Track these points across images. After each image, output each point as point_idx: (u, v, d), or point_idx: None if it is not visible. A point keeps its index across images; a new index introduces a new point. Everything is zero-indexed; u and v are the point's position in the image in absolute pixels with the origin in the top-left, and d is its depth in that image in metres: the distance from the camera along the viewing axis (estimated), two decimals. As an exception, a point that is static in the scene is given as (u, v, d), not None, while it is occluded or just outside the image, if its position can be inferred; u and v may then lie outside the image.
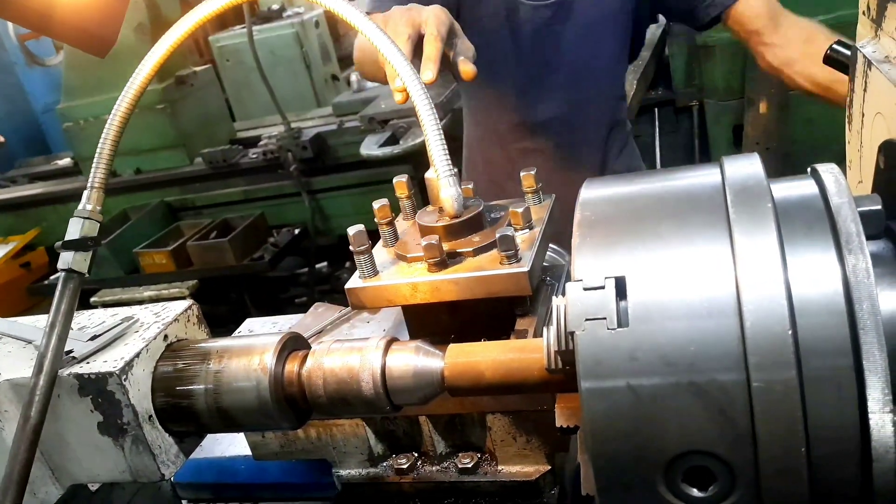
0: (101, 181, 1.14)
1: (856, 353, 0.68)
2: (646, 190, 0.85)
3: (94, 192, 1.14)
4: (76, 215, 1.14)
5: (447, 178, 1.08)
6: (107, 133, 1.15)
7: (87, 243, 1.13)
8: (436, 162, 1.09)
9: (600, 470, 0.76)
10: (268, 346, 1.08)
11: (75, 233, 1.13)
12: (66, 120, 5.31)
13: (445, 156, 1.08)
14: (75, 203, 1.15)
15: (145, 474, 1.11)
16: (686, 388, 0.72)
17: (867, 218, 0.78)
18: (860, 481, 0.70)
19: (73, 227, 1.13)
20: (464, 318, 1.18)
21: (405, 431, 1.28)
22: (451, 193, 1.09)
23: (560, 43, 2.31)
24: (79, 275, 1.11)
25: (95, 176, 1.14)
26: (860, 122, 1.13)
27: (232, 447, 1.56)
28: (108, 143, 1.15)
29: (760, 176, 0.78)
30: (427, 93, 1.09)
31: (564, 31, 2.30)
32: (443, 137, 1.09)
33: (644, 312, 0.74)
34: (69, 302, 1.09)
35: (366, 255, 1.17)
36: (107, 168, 1.14)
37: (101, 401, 1.07)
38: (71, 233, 1.13)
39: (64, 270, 1.11)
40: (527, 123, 2.40)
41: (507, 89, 2.39)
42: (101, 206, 1.15)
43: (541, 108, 2.38)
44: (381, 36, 1.13)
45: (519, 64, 2.34)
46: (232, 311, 4.76)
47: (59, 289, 1.09)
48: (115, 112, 1.16)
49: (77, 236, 1.12)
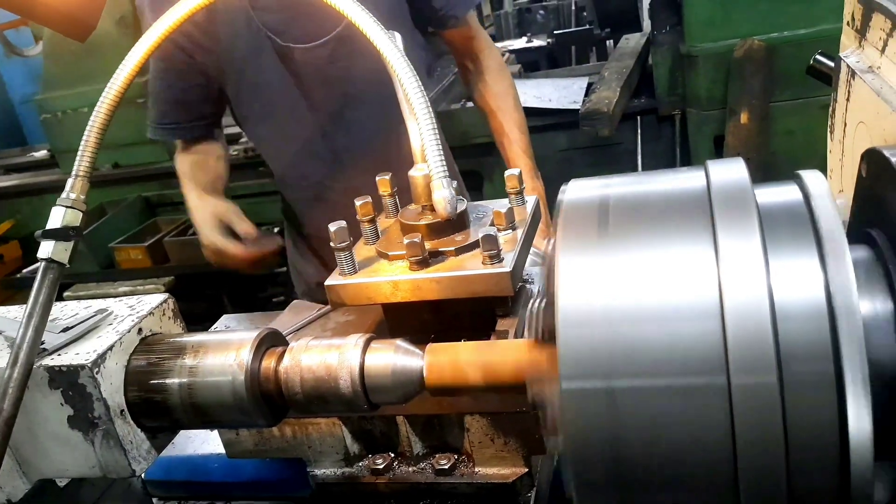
0: (87, 170, 1.12)
1: (836, 358, 0.68)
2: (630, 192, 0.85)
3: (78, 180, 1.11)
4: (59, 203, 1.11)
5: (440, 179, 1.06)
6: (93, 121, 1.12)
7: (69, 233, 1.09)
8: (430, 162, 1.07)
9: (578, 472, 0.76)
10: (245, 342, 1.06)
11: (57, 221, 1.10)
12: (44, 111, 5.23)
13: (440, 156, 1.06)
14: (51, 195, 1.13)
15: (116, 470, 1.09)
16: (666, 391, 0.71)
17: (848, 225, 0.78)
18: (838, 487, 0.70)
19: (55, 215, 1.10)
20: (445, 318, 1.17)
21: (382, 431, 1.27)
22: (445, 195, 1.07)
23: (353, 74, 2.17)
24: (59, 265, 1.08)
25: (80, 164, 1.11)
26: (842, 131, 1.14)
27: (205, 445, 1.53)
28: (94, 130, 1.12)
29: (745, 181, 0.78)
30: (424, 92, 1.08)
31: (353, 66, 2.16)
32: (438, 137, 1.07)
33: (625, 314, 0.73)
34: (48, 293, 1.06)
35: (346, 251, 1.16)
36: (92, 157, 1.12)
37: (71, 394, 1.05)
38: (52, 222, 1.10)
39: (44, 260, 1.08)
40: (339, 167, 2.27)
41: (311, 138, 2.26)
42: (84, 195, 1.12)
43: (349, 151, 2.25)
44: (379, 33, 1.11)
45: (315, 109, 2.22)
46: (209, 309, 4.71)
47: (38, 279, 1.06)
48: (104, 99, 1.13)
49: (59, 225, 1.09)
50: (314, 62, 2.15)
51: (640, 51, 4.51)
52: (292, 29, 2.12)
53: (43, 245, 1.08)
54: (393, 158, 1.34)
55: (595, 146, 4.13)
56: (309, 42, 2.13)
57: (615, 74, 4.17)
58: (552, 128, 4.18)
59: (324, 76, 2.17)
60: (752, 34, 3.67)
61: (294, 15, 2.11)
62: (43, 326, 1.04)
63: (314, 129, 2.24)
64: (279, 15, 2.12)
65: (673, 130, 4.12)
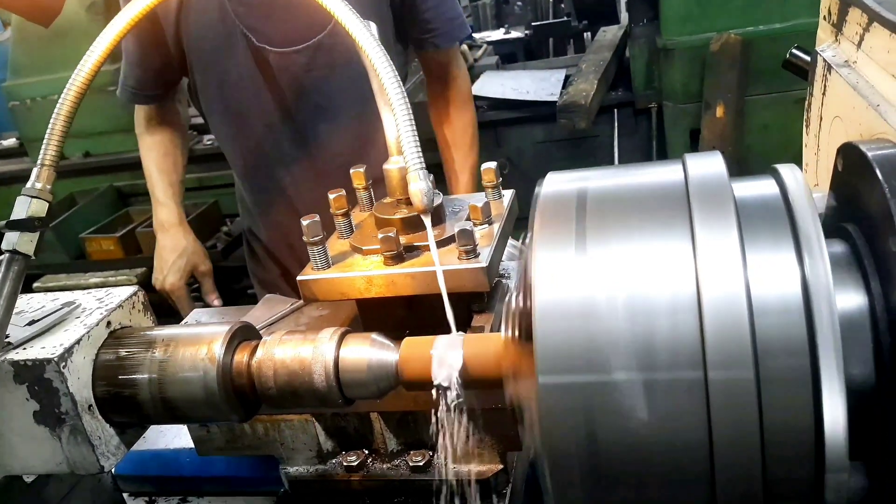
0: (53, 159, 1.08)
1: (812, 353, 0.68)
2: (608, 185, 0.84)
3: (44, 169, 1.08)
4: (24, 193, 1.07)
5: (417, 171, 1.04)
6: (60, 108, 1.09)
7: (34, 223, 1.06)
8: (406, 154, 1.04)
9: (553, 466, 0.75)
10: (216, 336, 1.04)
11: (21, 212, 1.06)
12: (12, 99, 5.11)
13: (417, 149, 1.04)
14: (19, 185, 1.09)
15: (83, 466, 1.06)
16: (643, 386, 0.71)
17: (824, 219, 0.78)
18: (813, 480, 0.70)
19: (20, 206, 1.07)
20: (420, 314, 1.15)
21: (356, 428, 1.26)
22: (421, 187, 1.04)
23: (328, 87, 2.10)
24: (24, 257, 1.05)
25: (46, 153, 1.08)
26: (818, 125, 1.15)
27: (177, 439, 1.51)
28: (60, 118, 1.09)
29: (723, 175, 0.78)
30: (401, 83, 1.06)
31: (330, 77, 2.08)
32: (415, 130, 1.05)
33: (602, 309, 0.73)
34: (12, 285, 1.03)
35: (319, 246, 1.14)
36: (58, 145, 1.08)
37: (37, 389, 1.02)
38: (17, 212, 1.07)
39: (8, 252, 1.05)
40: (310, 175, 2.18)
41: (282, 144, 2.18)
42: (51, 185, 1.09)
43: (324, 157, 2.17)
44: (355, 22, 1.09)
45: (288, 118, 2.14)
46: (181, 301, 4.66)
47: (3, 271, 1.03)
48: (70, 86, 1.10)
49: (23, 216, 1.06)
50: (290, 68, 2.06)
51: (617, 43, 4.52)
52: (269, 29, 2.03)
53: (7, 236, 1.05)
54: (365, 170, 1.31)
55: (571, 139, 4.13)
56: (286, 46, 2.04)
57: (592, 67, 4.17)
58: (529, 120, 4.18)
59: (298, 84, 2.09)
60: (728, 28, 3.69)
61: (271, 13, 2.02)
62: (7, 319, 1.02)
63: (284, 136, 2.16)
64: (256, 11, 2.02)
65: (649, 124, 4.14)
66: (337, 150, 2.15)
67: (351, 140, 2.14)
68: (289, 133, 2.15)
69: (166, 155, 2.34)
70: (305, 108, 2.12)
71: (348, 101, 2.09)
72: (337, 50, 2.04)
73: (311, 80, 2.08)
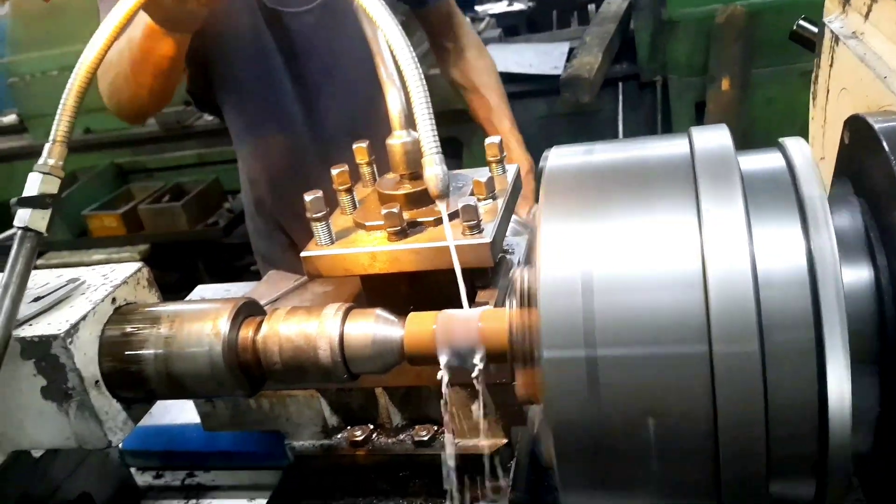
0: (64, 135, 1.07)
1: (817, 327, 0.68)
2: (614, 159, 0.84)
3: (55, 146, 1.07)
4: (35, 170, 1.07)
5: (432, 155, 1.02)
6: (72, 83, 1.07)
7: (46, 200, 1.06)
8: (421, 136, 1.01)
9: (558, 441, 0.75)
10: (221, 311, 1.04)
11: (33, 189, 1.06)
12: (11, 75, 5.08)
13: (432, 129, 1.02)
14: (21, 162, 1.10)
15: (91, 441, 1.07)
16: (648, 360, 0.71)
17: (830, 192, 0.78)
18: (817, 455, 0.70)
19: (32, 182, 1.06)
20: (423, 290, 1.15)
21: (360, 404, 1.27)
22: (437, 172, 1.02)
23: (336, 46, 2.09)
24: (36, 233, 1.05)
25: (58, 129, 1.07)
26: (825, 98, 1.14)
27: (182, 415, 1.52)
28: (73, 93, 1.07)
29: (729, 148, 0.78)
30: (415, 55, 1.03)
31: (336, 37, 2.08)
32: (430, 109, 1.03)
33: (608, 283, 0.73)
34: (25, 262, 1.02)
35: (322, 222, 1.14)
36: (70, 121, 1.07)
37: (44, 364, 1.03)
38: (29, 188, 1.06)
39: (20, 228, 1.04)
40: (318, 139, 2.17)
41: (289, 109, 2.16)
42: (63, 161, 1.08)
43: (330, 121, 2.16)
44: None
45: (295, 78, 2.12)
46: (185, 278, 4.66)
47: (15, 248, 1.03)
48: (83, 61, 1.08)
49: (35, 192, 1.05)
50: (299, 28, 2.07)
51: (621, 16, 4.47)
52: None
53: (19, 213, 1.05)
54: (371, 135, 1.30)
55: (575, 113, 4.10)
56: (297, 6, 2.05)
57: (597, 40, 4.12)
58: (532, 94, 4.15)
59: (307, 44, 2.10)
60: (734, 0, 3.64)
61: None
62: (20, 297, 1.01)
63: (291, 99, 2.16)
64: None
65: (654, 97, 4.10)
66: (345, 112, 2.15)
67: (359, 101, 2.14)
68: (296, 95, 2.15)
69: None
70: (315, 69, 2.12)
71: (356, 62, 2.07)
72: (341, 9, 2.05)
73: (319, 40, 2.09)
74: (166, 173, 5.10)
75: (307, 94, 2.15)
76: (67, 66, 1.10)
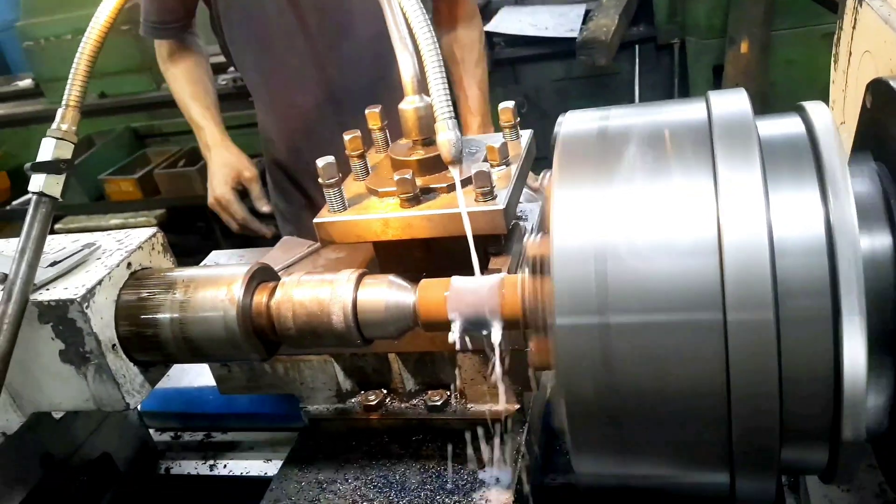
0: (77, 99, 1.07)
1: (834, 294, 0.67)
2: (629, 124, 0.82)
3: (68, 110, 1.07)
4: (49, 135, 1.07)
5: (445, 120, 1.00)
6: (83, 48, 1.07)
7: (60, 165, 1.06)
8: (435, 101, 1.00)
9: (571, 406, 0.76)
10: (236, 277, 1.05)
11: (47, 154, 1.06)
12: (26, 39, 5.08)
13: (446, 95, 1.00)
14: (37, 125, 1.10)
15: (109, 403, 1.09)
16: (661, 327, 0.71)
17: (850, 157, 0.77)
18: (831, 422, 0.70)
19: (46, 147, 1.06)
20: (436, 256, 1.15)
21: (374, 368, 1.27)
22: (450, 137, 1.01)
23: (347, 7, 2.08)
24: (51, 199, 1.05)
25: (70, 94, 1.07)
26: (846, 60, 1.11)
27: (200, 378, 1.54)
28: (84, 57, 1.07)
29: (747, 113, 0.76)
30: (429, 21, 1.02)
31: None
32: (444, 74, 1.01)
33: (621, 250, 0.72)
34: (41, 227, 1.03)
35: (335, 188, 1.13)
36: (83, 86, 1.07)
37: (61, 328, 1.04)
38: (43, 154, 1.06)
39: (35, 194, 1.04)
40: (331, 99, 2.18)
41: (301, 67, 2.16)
42: (76, 126, 1.08)
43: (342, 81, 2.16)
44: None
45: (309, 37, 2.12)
46: (201, 242, 4.69)
47: (31, 213, 1.03)
48: (94, 24, 1.08)
49: (49, 157, 1.06)
50: None
51: (639, -24, 4.38)
52: None
53: (34, 178, 1.05)
54: (385, 94, 1.29)
55: (591, 76, 4.05)
56: None
57: (613, 1, 4.04)
58: (547, 57, 4.09)
59: (320, 3, 2.09)
60: (755, -41, 3.56)
61: None
62: (37, 262, 1.02)
63: (306, 58, 2.16)
64: None
65: (671, 60, 4.04)
66: (362, 69, 2.15)
67: (372, 60, 2.13)
68: (312, 54, 2.15)
69: (195, 82, 2.35)
70: (328, 28, 2.12)
71: (369, 22, 2.07)
72: None
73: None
74: (182, 137, 5.09)
75: (319, 53, 2.14)
76: (81, 30, 1.09)
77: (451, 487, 1.14)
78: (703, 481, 0.79)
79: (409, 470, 1.19)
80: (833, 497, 1.08)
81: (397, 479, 1.18)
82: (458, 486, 1.14)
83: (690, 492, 0.83)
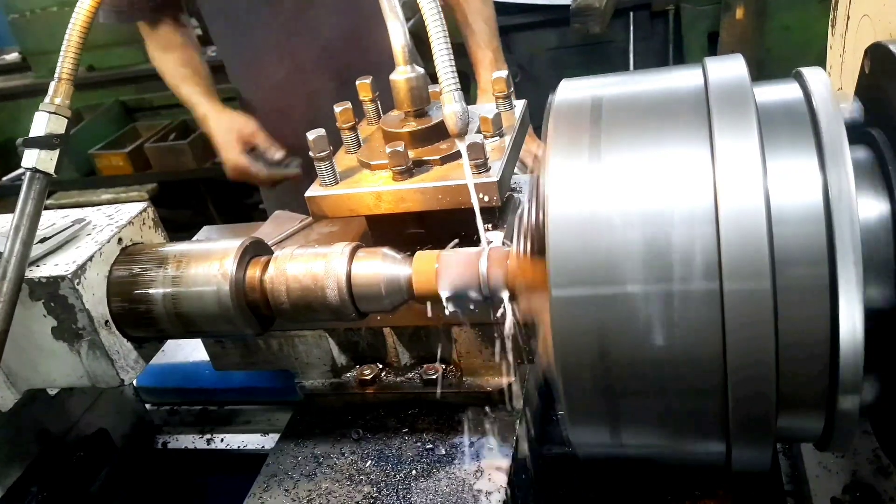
0: (70, 72, 1.04)
1: (831, 263, 0.67)
2: (624, 92, 0.81)
3: (61, 83, 1.04)
4: (42, 109, 1.04)
5: (451, 91, 0.97)
6: (75, 19, 1.04)
7: (53, 141, 1.03)
8: (440, 72, 0.97)
9: (566, 378, 0.75)
10: (228, 251, 1.04)
11: (40, 129, 1.03)
12: (11, 11, 4.98)
13: (451, 66, 0.97)
14: (25, 100, 1.07)
15: (104, 380, 1.09)
16: (656, 298, 0.70)
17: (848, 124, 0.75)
18: (827, 392, 0.70)
19: (38, 122, 1.03)
20: (430, 229, 1.14)
21: (369, 343, 1.27)
22: (456, 109, 0.98)
23: None
24: (45, 175, 1.02)
25: (63, 67, 1.04)
26: (844, 25, 1.09)
27: (196, 353, 1.54)
28: (76, 29, 1.04)
29: (744, 79, 0.75)
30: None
31: None
32: (449, 44, 0.98)
33: (617, 220, 0.71)
34: (35, 204, 1.01)
35: (326, 161, 1.12)
36: (75, 58, 1.04)
37: (53, 305, 1.04)
38: (36, 129, 1.03)
39: (28, 170, 1.02)
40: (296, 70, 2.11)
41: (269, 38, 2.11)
42: (69, 99, 1.05)
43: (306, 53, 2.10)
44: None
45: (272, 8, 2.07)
46: (194, 216, 4.67)
47: (24, 189, 1.01)
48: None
49: (42, 132, 1.03)
50: None
51: (633, -58, 4.31)
52: None
53: (27, 154, 1.02)
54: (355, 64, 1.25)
55: (586, 44, 4.00)
56: None
57: (607, -33, 3.99)
58: (541, 25, 4.04)
59: None
60: (751, -78, 3.50)
61: None
62: (31, 239, 1.00)
63: (273, 27, 2.11)
64: None
65: (666, 27, 3.99)
66: (330, 38, 2.09)
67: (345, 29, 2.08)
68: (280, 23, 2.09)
69: (184, 64, 2.29)
70: None
71: None
72: None
73: None
74: (172, 111, 5.03)
75: (283, 22, 2.09)
76: (66, 2, 1.06)
77: (446, 460, 1.15)
78: (700, 450, 0.79)
79: (404, 443, 1.19)
80: (827, 462, 1.09)
81: (393, 453, 1.18)
82: (454, 458, 1.15)
83: (687, 461, 0.83)
